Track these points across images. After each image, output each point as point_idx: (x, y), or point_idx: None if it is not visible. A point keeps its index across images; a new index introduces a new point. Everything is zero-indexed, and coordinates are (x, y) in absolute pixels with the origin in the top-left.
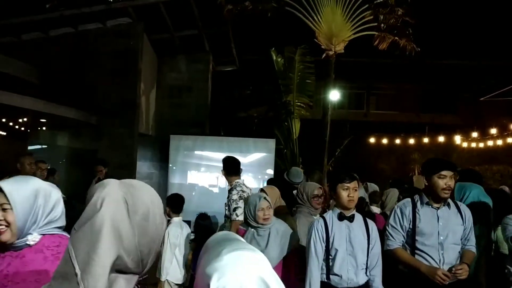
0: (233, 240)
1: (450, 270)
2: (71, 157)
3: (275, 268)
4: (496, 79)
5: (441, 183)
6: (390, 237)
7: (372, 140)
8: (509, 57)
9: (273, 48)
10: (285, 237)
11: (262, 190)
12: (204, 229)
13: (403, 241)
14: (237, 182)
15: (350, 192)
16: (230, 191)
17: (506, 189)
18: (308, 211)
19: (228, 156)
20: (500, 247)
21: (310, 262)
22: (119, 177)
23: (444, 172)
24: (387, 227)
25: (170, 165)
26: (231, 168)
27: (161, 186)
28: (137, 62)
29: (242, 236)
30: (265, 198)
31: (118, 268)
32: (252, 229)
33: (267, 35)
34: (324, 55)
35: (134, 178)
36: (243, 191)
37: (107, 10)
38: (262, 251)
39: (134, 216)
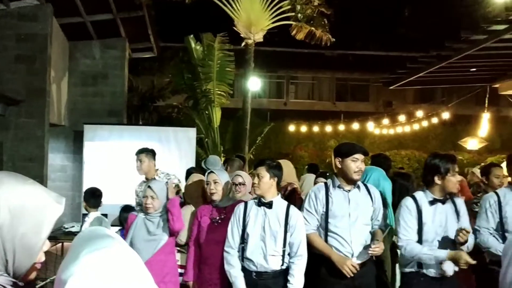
0: (97, 238)
1: (367, 247)
2: None
3: (166, 247)
4: (404, 69)
5: (354, 166)
6: (306, 222)
7: (291, 128)
8: (416, 48)
9: (192, 35)
10: None
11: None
12: None
13: (317, 225)
14: (162, 172)
15: (254, 178)
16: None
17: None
18: None
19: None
20: None
21: (226, 243)
22: (27, 171)
23: (357, 156)
24: (302, 212)
25: (85, 156)
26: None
27: (76, 178)
28: (46, 48)
29: (133, 221)
30: (149, 187)
31: None
32: (144, 215)
33: (186, 22)
34: (243, 43)
35: (46, 171)
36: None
37: None
38: (153, 234)
39: None
